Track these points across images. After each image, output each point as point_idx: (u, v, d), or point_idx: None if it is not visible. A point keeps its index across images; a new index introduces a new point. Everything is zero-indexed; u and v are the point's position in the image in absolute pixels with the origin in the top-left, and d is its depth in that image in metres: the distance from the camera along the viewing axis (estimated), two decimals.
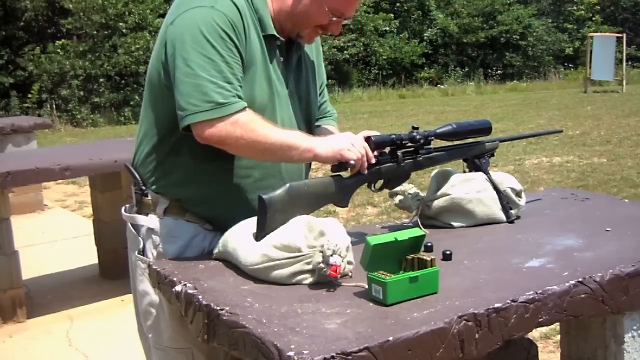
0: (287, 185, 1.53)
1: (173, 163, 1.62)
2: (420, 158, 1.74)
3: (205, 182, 1.62)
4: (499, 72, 22.07)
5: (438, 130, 1.78)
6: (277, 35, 1.61)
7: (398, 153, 1.70)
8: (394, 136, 1.68)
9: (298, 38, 1.66)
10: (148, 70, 1.64)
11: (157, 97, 1.61)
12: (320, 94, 1.85)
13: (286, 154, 1.57)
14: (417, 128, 1.73)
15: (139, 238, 1.67)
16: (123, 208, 1.75)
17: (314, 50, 1.82)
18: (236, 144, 1.51)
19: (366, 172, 1.64)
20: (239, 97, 1.51)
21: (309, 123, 1.78)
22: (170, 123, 1.57)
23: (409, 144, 1.71)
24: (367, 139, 1.65)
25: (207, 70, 1.47)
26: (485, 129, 1.85)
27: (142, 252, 1.67)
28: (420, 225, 1.81)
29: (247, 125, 1.49)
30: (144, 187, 1.66)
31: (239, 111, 1.49)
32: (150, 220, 1.65)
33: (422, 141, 1.72)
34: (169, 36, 1.53)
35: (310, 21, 1.62)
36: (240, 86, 1.52)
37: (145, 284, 1.64)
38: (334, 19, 1.61)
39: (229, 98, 1.48)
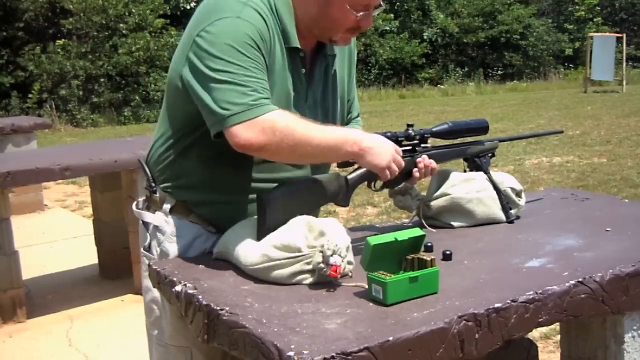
0: (287, 184, 1.53)
1: (182, 166, 1.62)
2: (418, 156, 1.74)
3: (212, 189, 1.61)
4: (499, 72, 22.09)
5: (434, 129, 1.78)
6: (300, 48, 1.58)
7: None
8: (389, 134, 1.67)
9: (332, 42, 1.63)
10: (169, 73, 1.62)
11: (174, 101, 1.59)
12: (349, 104, 1.82)
13: (328, 157, 1.55)
14: (412, 125, 1.73)
15: (147, 234, 1.68)
16: (135, 203, 1.75)
17: (347, 60, 1.77)
18: (277, 149, 1.44)
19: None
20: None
21: None
22: (183, 127, 1.58)
23: (405, 142, 1.71)
24: None
25: (238, 76, 1.43)
26: (482, 128, 1.85)
27: (148, 248, 1.68)
28: (426, 225, 1.81)
29: (286, 129, 1.44)
30: (153, 185, 1.67)
31: (273, 112, 1.44)
32: (156, 218, 1.65)
33: (417, 138, 1.72)
34: (196, 48, 1.48)
35: (338, 25, 1.57)
36: (269, 94, 1.49)
37: (148, 280, 1.64)
38: (361, 14, 1.55)
39: (261, 100, 1.44)
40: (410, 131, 1.71)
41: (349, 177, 1.66)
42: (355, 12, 1.54)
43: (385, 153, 1.56)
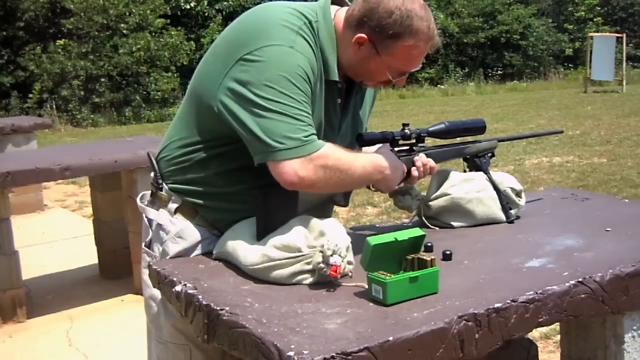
0: None
1: (197, 174, 1.60)
2: (415, 155, 1.74)
3: (224, 199, 1.60)
4: (499, 72, 22.08)
5: (431, 129, 1.78)
6: (339, 81, 1.58)
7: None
8: (385, 133, 1.68)
9: (363, 84, 1.65)
10: (197, 82, 1.58)
11: (204, 114, 1.55)
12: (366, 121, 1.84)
13: (360, 185, 1.63)
14: (407, 125, 1.73)
15: (150, 230, 1.66)
16: (140, 196, 1.73)
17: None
18: (324, 185, 1.47)
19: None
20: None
21: None
22: (209, 140, 1.55)
23: (402, 142, 1.71)
24: (359, 136, 1.66)
25: (291, 109, 1.41)
26: (479, 127, 1.85)
27: (149, 244, 1.67)
28: (428, 224, 1.81)
29: (335, 166, 1.46)
30: (160, 181, 1.64)
31: (323, 149, 1.44)
32: (160, 216, 1.64)
33: (413, 137, 1.73)
34: (241, 72, 1.44)
35: (372, 77, 1.60)
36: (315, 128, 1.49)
37: (147, 277, 1.63)
38: (397, 79, 1.59)
39: (312, 136, 1.44)
40: (406, 130, 1.71)
41: None
42: (392, 76, 1.58)
43: (397, 177, 1.65)
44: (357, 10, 1.53)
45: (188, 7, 16.62)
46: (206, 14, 17.03)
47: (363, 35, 1.52)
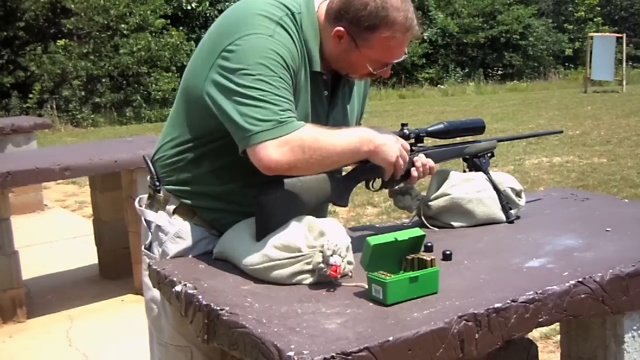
0: (280, 181, 1.52)
1: (191, 173, 1.60)
2: (415, 155, 1.74)
3: (220, 198, 1.60)
4: (499, 72, 22.09)
5: (429, 129, 1.78)
6: (323, 72, 1.58)
7: None
8: None
9: (348, 77, 1.65)
10: (186, 79, 1.59)
11: (193, 112, 1.56)
12: (359, 120, 1.84)
13: (350, 160, 1.56)
14: (406, 125, 1.73)
15: (149, 232, 1.66)
16: (137, 199, 1.73)
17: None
18: (306, 166, 1.44)
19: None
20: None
21: None
22: (200, 137, 1.56)
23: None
24: None
25: (268, 94, 1.41)
26: (478, 127, 1.85)
27: (149, 246, 1.67)
28: (427, 224, 1.81)
29: (314, 144, 1.43)
30: (157, 184, 1.65)
31: (300, 129, 1.42)
32: (158, 217, 1.64)
33: (412, 137, 1.73)
34: (223, 62, 1.45)
35: (355, 70, 1.60)
36: (296, 113, 1.47)
37: (148, 279, 1.64)
38: (380, 70, 1.58)
39: (289, 118, 1.43)
40: (405, 130, 1.71)
41: (347, 176, 1.66)
42: (373, 68, 1.57)
43: (394, 148, 1.57)
44: (336, 3, 1.54)
45: (189, 7, 16.61)
46: (207, 15, 17.02)
47: (341, 28, 1.52)
